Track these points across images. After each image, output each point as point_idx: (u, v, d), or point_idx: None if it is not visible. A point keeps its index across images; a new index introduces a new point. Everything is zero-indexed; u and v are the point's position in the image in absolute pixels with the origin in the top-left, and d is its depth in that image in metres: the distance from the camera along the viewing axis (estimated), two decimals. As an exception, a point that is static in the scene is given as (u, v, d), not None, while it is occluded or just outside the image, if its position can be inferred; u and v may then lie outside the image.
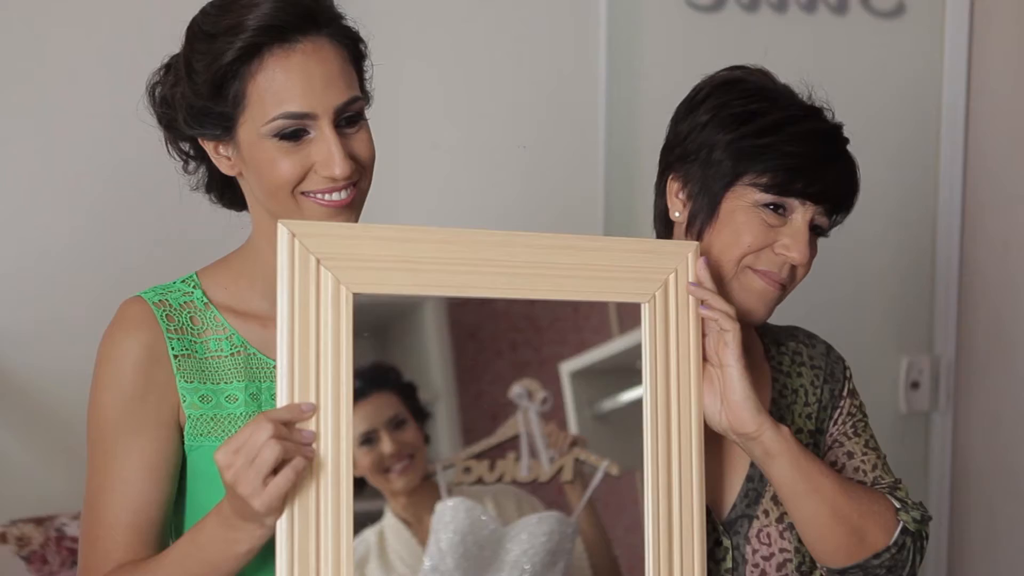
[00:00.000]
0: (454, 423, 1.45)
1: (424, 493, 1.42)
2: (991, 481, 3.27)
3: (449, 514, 1.43)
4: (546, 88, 2.72)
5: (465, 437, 1.45)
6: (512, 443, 1.46)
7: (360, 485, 1.42)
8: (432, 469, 1.43)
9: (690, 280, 1.51)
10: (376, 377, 1.42)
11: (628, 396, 1.50)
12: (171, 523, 1.51)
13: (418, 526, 1.42)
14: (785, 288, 1.59)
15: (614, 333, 1.50)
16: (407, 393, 1.43)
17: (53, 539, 2.36)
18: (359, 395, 1.37)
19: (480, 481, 1.44)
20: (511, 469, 1.46)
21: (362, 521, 1.38)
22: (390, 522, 1.42)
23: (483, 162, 2.70)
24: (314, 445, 1.31)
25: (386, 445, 1.40)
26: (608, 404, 1.51)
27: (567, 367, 1.49)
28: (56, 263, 2.45)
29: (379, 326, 1.42)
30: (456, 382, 1.46)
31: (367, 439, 1.39)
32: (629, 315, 1.50)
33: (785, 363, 1.72)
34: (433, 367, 1.46)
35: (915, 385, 3.21)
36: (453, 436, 1.45)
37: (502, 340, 1.47)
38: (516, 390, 1.46)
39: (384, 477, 1.41)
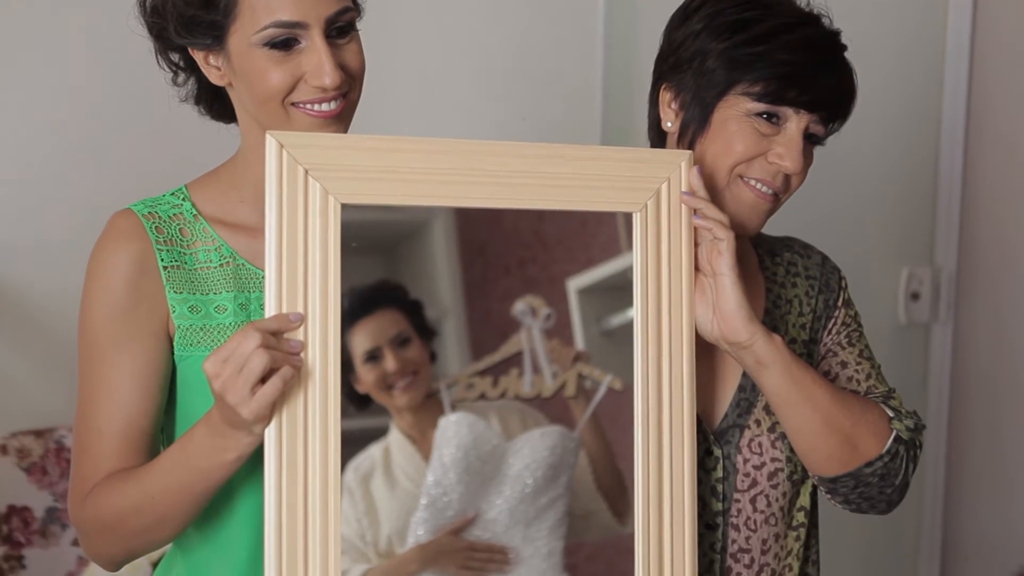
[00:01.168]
0: (463, 340, 1.45)
1: (429, 410, 1.43)
2: (991, 393, 3.27)
3: (452, 429, 1.44)
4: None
5: (474, 354, 1.45)
6: (515, 359, 1.46)
7: (366, 401, 1.42)
8: (436, 386, 1.44)
9: (683, 189, 1.50)
10: (381, 294, 1.42)
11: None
12: (162, 433, 1.52)
13: (423, 442, 1.43)
14: (779, 198, 1.58)
15: (623, 249, 1.49)
16: (413, 311, 1.43)
17: (52, 451, 2.39)
18: (364, 312, 1.37)
19: (483, 397, 1.45)
20: (514, 385, 1.46)
21: (368, 437, 1.39)
22: (395, 438, 1.43)
23: (478, 70, 2.68)
24: (302, 354, 1.31)
25: (390, 362, 1.41)
26: (615, 320, 1.50)
27: (575, 283, 1.49)
28: (54, 178, 2.45)
29: (387, 244, 1.41)
30: (464, 299, 1.45)
31: (371, 356, 1.40)
32: None
33: (780, 274, 1.71)
34: (441, 285, 1.46)
35: (915, 296, 3.20)
36: (462, 353, 1.45)
37: (510, 257, 1.47)
38: (519, 307, 1.46)
39: (388, 394, 1.41)
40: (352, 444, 1.37)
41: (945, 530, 3.33)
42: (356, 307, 1.37)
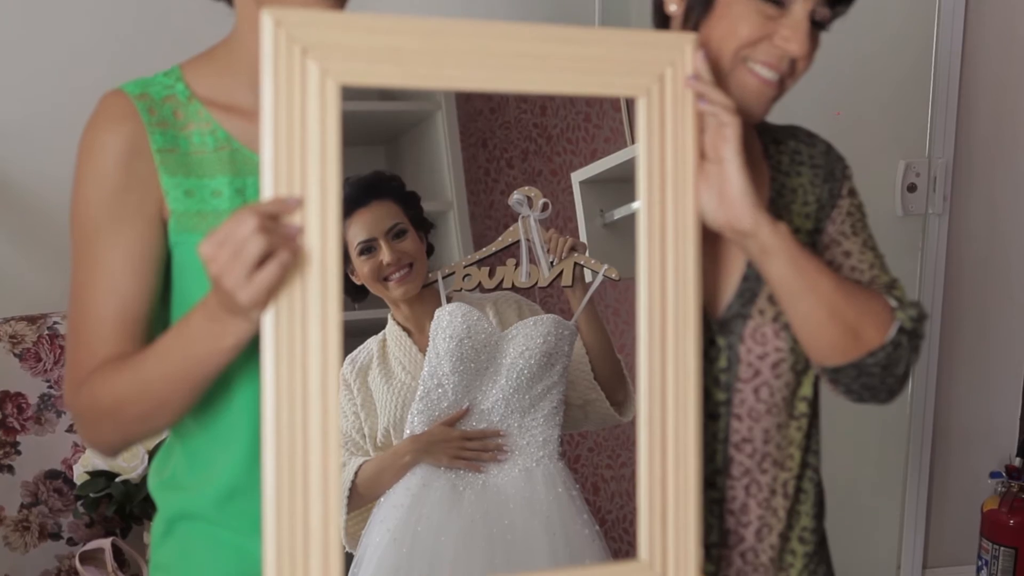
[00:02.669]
0: (465, 233, 1.44)
1: (426, 302, 1.42)
2: (985, 284, 3.29)
3: (446, 319, 1.43)
4: None
5: (477, 247, 1.44)
6: (512, 250, 1.45)
7: (363, 293, 1.41)
8: (432, 277, 1.42)
9: (688, 74, 1.46)
10: (376, 186, 1.40)
11: (638, 204, 1.48)
12: (159, 320, 1.49)
13: (419, 335, 1.42)
14: (784, 84, 1.55)
15: (627, 142, 1.47)
16: (409, 203, 1.42)
17: (46, 337, 2.38)
18: (358, 203, 1.35)
19: (480, 288, 1.44)
20: (511, 275, 1.45)
21: (365, 329, 1.37)
22: (392, 330, 1.42)
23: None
24: (300, 239, 1.27)
25: (385, 254, 1.39)
26: (618, 212, 1.48)
27: (578, 176, 1.47)
28: (47, 61, 2.42)
29: (389, 136, 1.39)
30: (467, 192, 1.44)
31: (366, 248, 1.38)
32: None
33: (784, 162, 1.69)
34: (444, 177, 1.44)
35: (912, 188, 3.20)
36: (465, 247, 1.44)
37: (513, 150, 1.44)
38: (515, 197, 1.45)
39: (383, 285, 1.40)
40: (349, 337, 1.35)
41: (936, 419, 3.37)
42: (351, 198, 1.35)
